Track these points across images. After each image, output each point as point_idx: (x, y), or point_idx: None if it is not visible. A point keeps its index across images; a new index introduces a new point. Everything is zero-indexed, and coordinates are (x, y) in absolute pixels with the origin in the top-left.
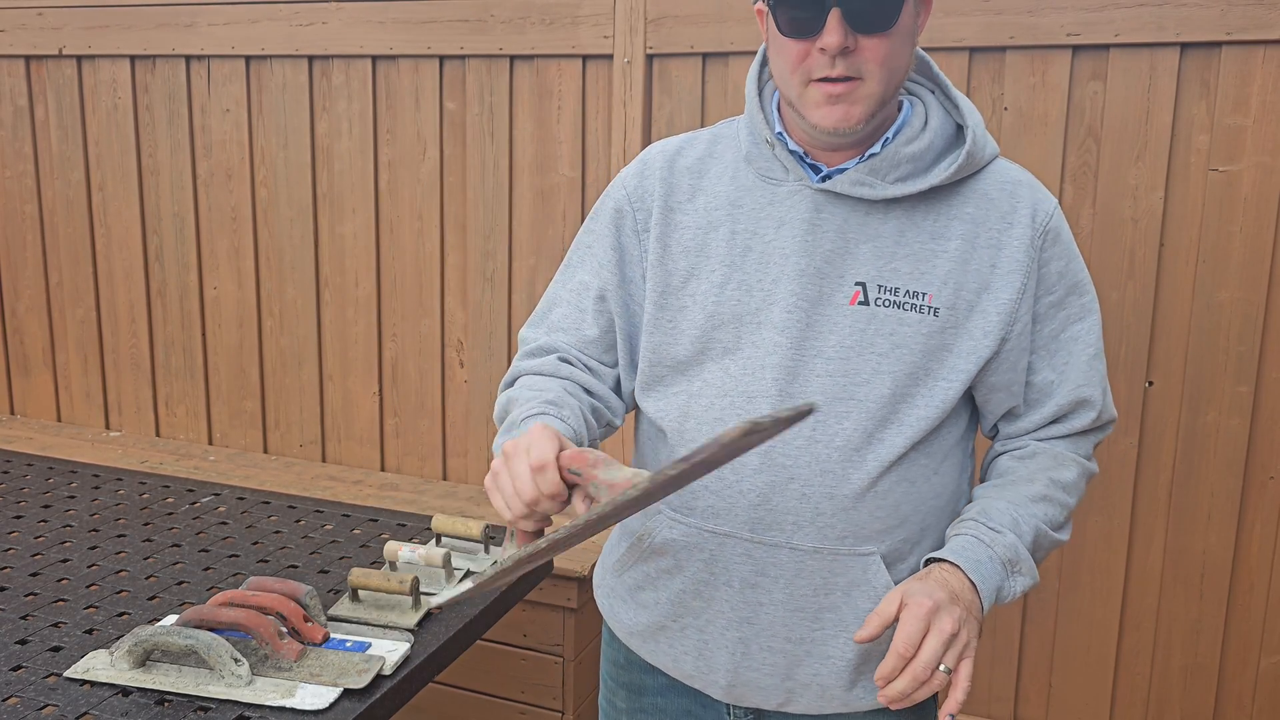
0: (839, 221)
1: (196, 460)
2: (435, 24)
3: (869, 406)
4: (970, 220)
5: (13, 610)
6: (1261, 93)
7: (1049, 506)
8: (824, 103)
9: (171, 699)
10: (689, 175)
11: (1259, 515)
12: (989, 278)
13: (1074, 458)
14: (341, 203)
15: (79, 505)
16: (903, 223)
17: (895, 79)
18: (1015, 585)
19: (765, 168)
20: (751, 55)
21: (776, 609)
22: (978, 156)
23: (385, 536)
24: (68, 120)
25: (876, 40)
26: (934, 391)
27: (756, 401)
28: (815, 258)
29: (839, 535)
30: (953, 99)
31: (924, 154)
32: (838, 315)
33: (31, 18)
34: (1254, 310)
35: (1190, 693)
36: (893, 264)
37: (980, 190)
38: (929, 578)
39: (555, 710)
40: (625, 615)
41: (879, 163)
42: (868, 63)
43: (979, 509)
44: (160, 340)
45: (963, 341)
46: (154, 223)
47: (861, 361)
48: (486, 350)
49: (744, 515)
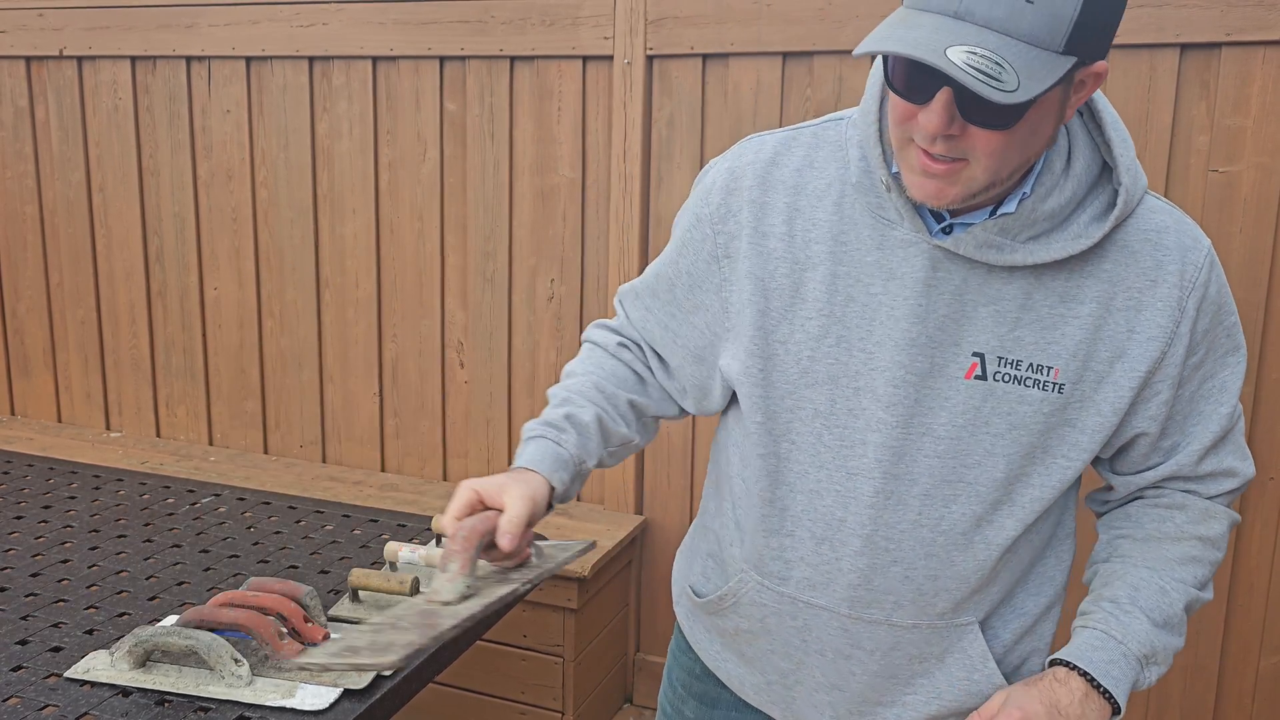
0: (958, 281)
1: (197, 461)
2: (436, 25)
3: (979, 490)
4: (1107, 279)
5: (13, 610)
6: (1261, 93)
7: (1198, 568)
8: (919, 173)
9: (172, 699)
10: (785, 192)
11: (1259, 515)
12: (1125, 345)
13: (1223, 510)
14: (342, 203)
15: (79, 506)
16: (1029, 284)
17: (1011, 167)
18: (1150, 675)
19: (877, 204)
20: (752, 56)
21: (869, 678)
22: (1128, 209)
23: (385, 537)
24: (68, 121)
25: (990, 135)
26: (1051, 470)
27: (858, 480)
28: (929, 325)
29: (939, 612)
30: (1104, 131)
31: (1064, 208)
32: (950, 390)
33: (32, 18)
34: (1254, 310)
35: (1190, 693)
36: (1015, 332)
37: (1121, 241)
38: (1038, 684)
39: (555, 710)
40: (707, 644)
41: (1013, 223)
42: (975, 149)
43: (1123, 586)
44: (161, 341)
45: (1088, 418)
46: (154, 223)
47: (974, 442)
48: (487, 351)
49: (843, 593)
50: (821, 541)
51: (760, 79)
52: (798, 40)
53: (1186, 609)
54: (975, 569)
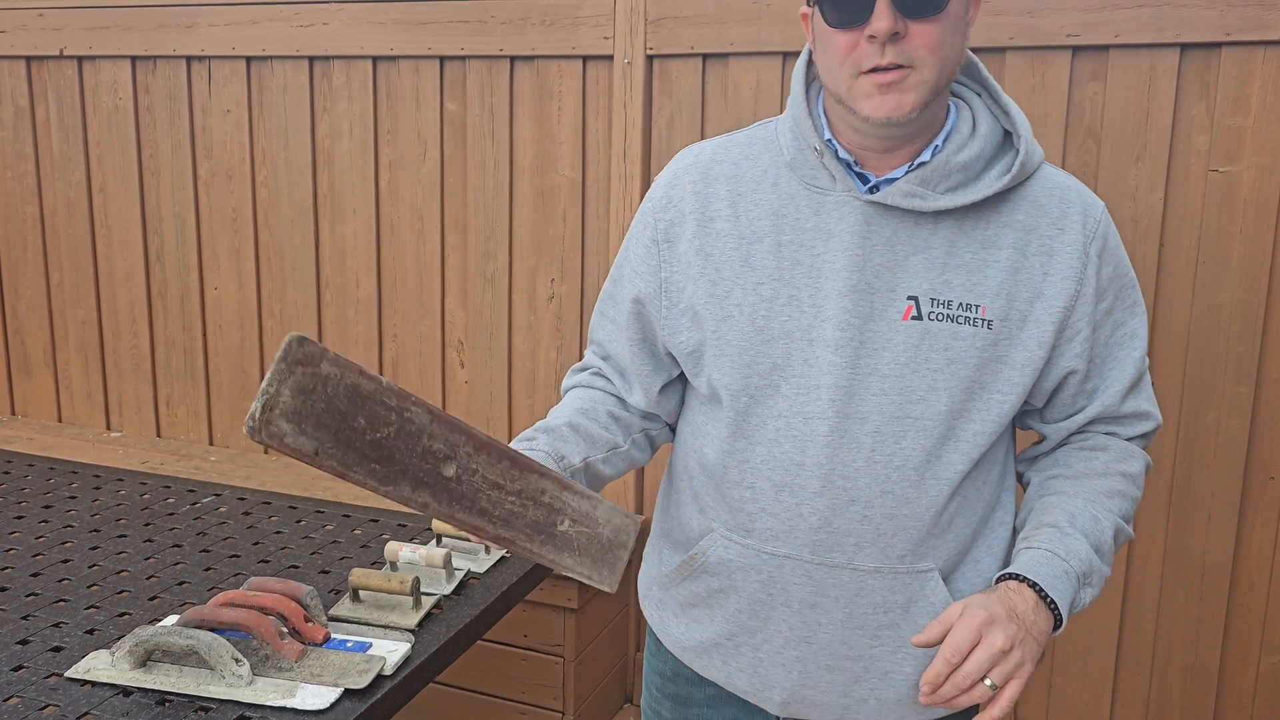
0: (889, 234)
1: (197, 460)
2: (435, 25)
3: (926, 424)
4: (1021, 228)
5: (14, 610)
6: (1261, 93)
7: (1123, 501)
8: (875, 93)
9: (172, 699)
10: (726, 182)
11: (1259, 516)
12: (1041, 286)
13: (1139, 451)
14: (342, 203)
15: (80, 506)
16: (953, 233)
17: (948, 67)
18: (1084, 597)
19: (810, 176)
20: (751, 56)
21: (836, 628)
22: (1029, 165)
23: (386, 537)
24: (69, 121)
25: (927, 25)
26: (989, 406)
27: (814, 423)
28: (866, 273)
29: (899, 554)
30: (1002, 104)
31: (974, 162)
32: (890, 331)
33: (32, 18)
34: (1254, 311)
35: (1190, 693)
36: (944, 276)
37: (1029, 197)
38: (994, 592)
39: (555, 710)
40: (677, 630)
41: (929, 173)
42: (919, 49)
43: (1061, 512)
44: (161, 341)
45: (1016, 353)
46: (155, 223)
47: (917, 379)
48: (487, 351)
49: (805, 538)
50: (781, 489)
51: (760, 79)
52: (798, 40)
53: (1114, 537)
54: (928, 505)
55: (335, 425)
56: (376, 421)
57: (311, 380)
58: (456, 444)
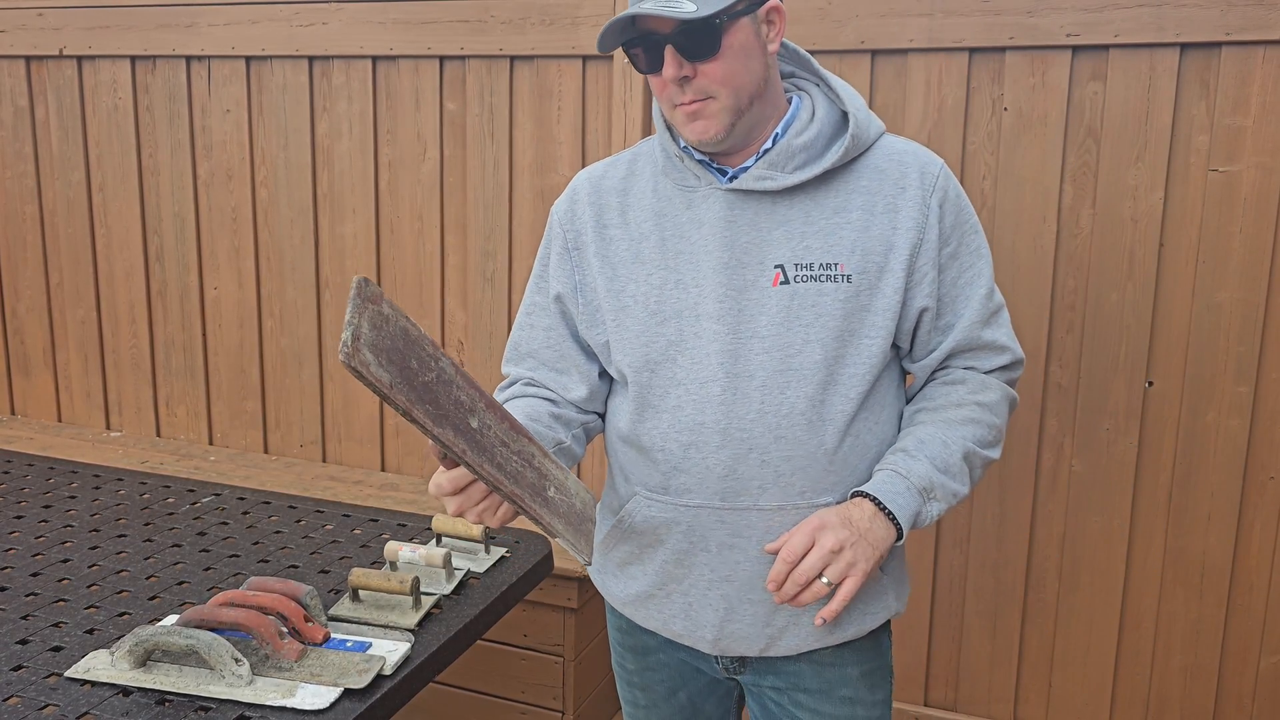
0: (751, 214)
1: (197, 460)
2: (435, 24)
3: (806, 374)
4: (866, 192)
5: (13, 610)
6: (1261, 93)
7: (977, 428)
8: (686, 121)
9: (172, 699)
10: (616, 194)
11: (1259, 515)
12: (891, 239)
13: (996, 382)
14: (342, 203)
15: (79, 505)
16: (808, 206)
17: (745, 92)
18: (930, 510)
19: (680, 178)
20: None
21: (752, 564)
22: (862, 137)
23: (386, 536)
24: (68, 120)
25: (711, 65)
26: (860, 350)
27: (708, 386)
28: (736, 250)
29: (799, 491)
30: (834, 89)
31: (815, 142)
32: (764, 298)
33: (32, 18)
34: (1254, 310)
35: (1190, 693)
36: (804, 243)
37: (872, 165)
38: (835, 507)
39: (555, 710)
40: (616, 588)
41: (775, 156)
42: (711, 84)
43: (911, 439)
44: (161, 340)
45: (878, 300)
46: (154, 223)
47: (792, 335)
48: (487, 351)
49: (714, 487)
50: (689, 447)
51: None
52: (798, 40)
53: (965, 458)
54: (819, 445)
55: (400, 363)
56: (424, 366)
57: (378, 317)
58: (476, 398)
